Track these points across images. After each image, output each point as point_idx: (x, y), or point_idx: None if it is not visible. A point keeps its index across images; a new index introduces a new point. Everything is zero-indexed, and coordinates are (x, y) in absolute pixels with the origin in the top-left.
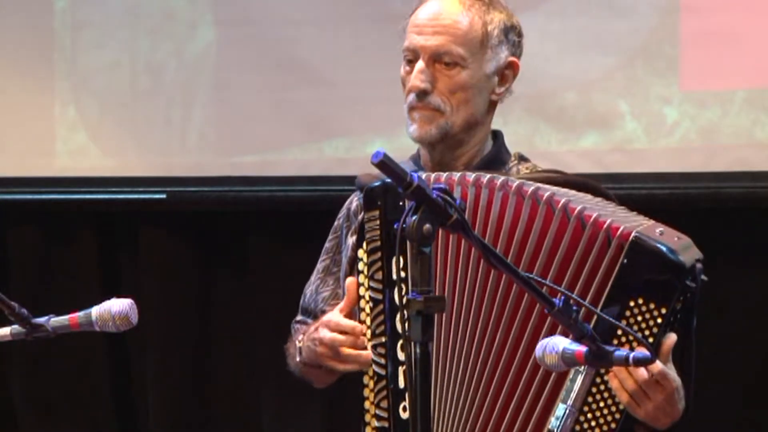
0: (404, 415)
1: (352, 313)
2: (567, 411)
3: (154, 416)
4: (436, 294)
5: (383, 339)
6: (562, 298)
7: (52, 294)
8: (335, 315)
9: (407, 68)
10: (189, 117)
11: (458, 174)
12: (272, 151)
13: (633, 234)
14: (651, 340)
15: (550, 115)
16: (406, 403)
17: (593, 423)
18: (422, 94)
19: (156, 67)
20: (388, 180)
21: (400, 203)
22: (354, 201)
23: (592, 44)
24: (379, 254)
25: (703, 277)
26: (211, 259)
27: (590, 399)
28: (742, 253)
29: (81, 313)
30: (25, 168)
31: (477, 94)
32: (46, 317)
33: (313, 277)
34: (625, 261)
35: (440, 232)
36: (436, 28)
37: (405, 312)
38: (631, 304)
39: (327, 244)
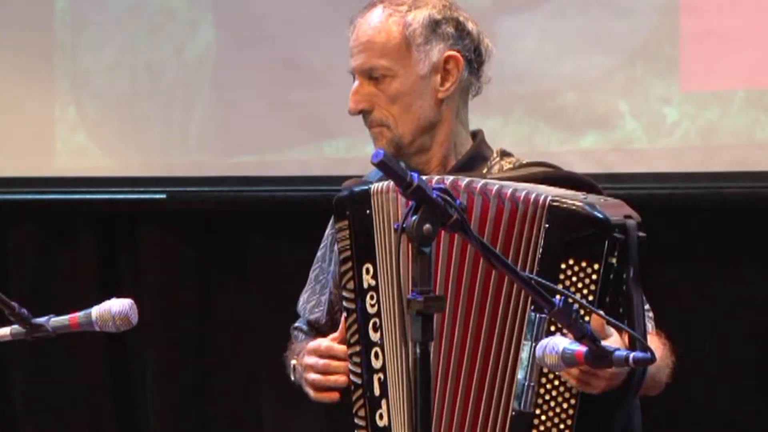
0: (380, 423)
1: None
2: (525, 386)
3: (154, 416)
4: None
5: (357, 348)
6: (563, 298)
7: (52, 294)
8: (325, 341)
9: None
10: (189, 117)
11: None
12: (272, 151)
13: (549, 198)
14: (591, 298)
15: (550, 115)
16: (381, 410)
17: (554, 393)
18: (365, 114)
19: (156, 67)
20: (356, 189)
21: (367, 212)
22: None
23: (592, 44)
24: (349, 264)
25: (639, 233)
26: (211, 259)
27: (546, 370)
28: (742, 253)
29: (81, 313)
30: (25, 168)
31: (417, 98)
32: (46, 317)
33: (307, 285)
34: (547, 225)
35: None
36: (359, 47)
37: (377, 319)
38: (563, 266)
39: (318, 253)
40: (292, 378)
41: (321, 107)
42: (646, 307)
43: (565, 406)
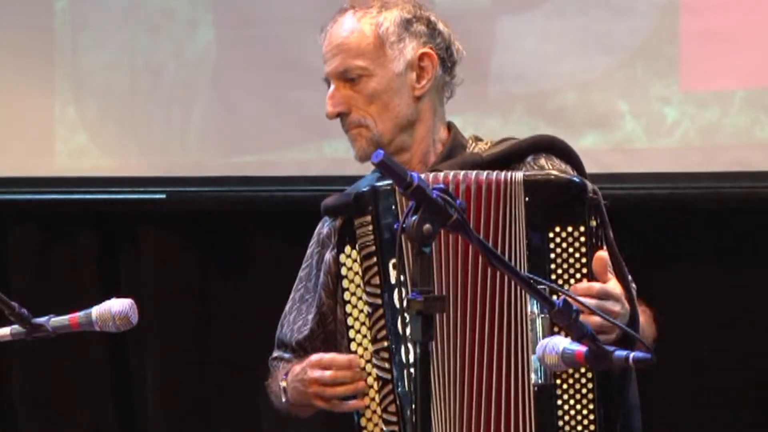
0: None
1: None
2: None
3: (154, 416)
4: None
5: (385, 343)
6: (563, 298)
7: (52, 294)
8: (325, 354)
9: None
10: (189, 117)
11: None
12: (272, 151)
13: (521, 174)
14: (584, 260)
15: (550, 115)
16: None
17: None
18: (342, 117)
19: (156, 67)
20: (377, 185)
21: (392, 207)
22: (325, 226)
23: (592, 44)
24: (374, 259)
25: (605, 202)
26: (211, 259)
27: None
28: (742, 253)
29: (81, 313)
30: (25, 168)
31: (394, 96)
32: (46, 317)
33: (288, 307)
34: (528, 199)
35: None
36: (333, 51)
37: (407, 314)
38: (551, 235)
39: (300, 273)
40: (283, 399)
41: (321, 107)
42: (629, 278)
43: (583, 370)
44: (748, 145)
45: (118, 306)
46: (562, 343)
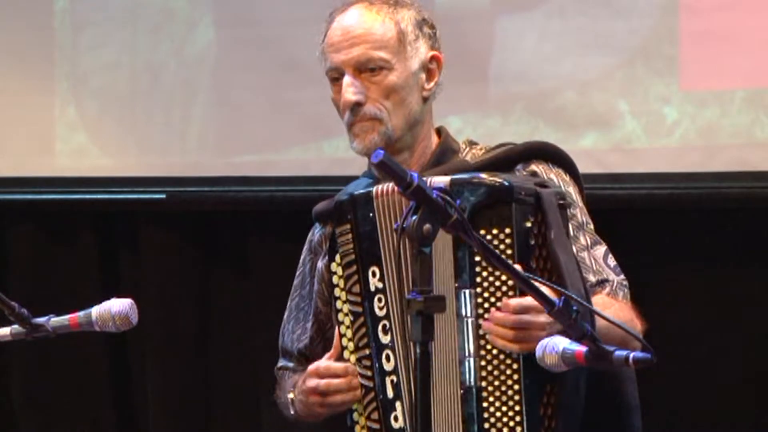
0: (396, 425)
1: (340, 358)
2: (466, 361)
3: (154, 416)
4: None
5: (367, 351)
6: (563, 298)
7: (52, 294)
8: (323, 361)
9: (335, 89)
10: (189, 117)
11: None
12: (272, 151)
13: (451, 177)
14: (510, 262)
15: (550, 114)
16: (396, 412)
17: (496, 362)
18: (357, 107)
19: (156, 67)
20: (357, 192)
21: (370, 215)
22: (316, 233)
23: (592, 44)
24: (354, 267)
25: (561, 201)
26: (211, 259)
27: (483, 342)
28: (742, 253)
29: (81, 313)
30: (25, 168)
31: (409, 93)
32: (46, 317)
33: (286, 316)
34: (457, 202)
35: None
36: (352, 40)
37: (387, 322)
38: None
39: (295, 281)
40: (291, 412)
41: (321, 107)
42: (621, 277)
43: (509, 372)
44: (748, 145)
45: (118, 306)
46: (562, 343)
